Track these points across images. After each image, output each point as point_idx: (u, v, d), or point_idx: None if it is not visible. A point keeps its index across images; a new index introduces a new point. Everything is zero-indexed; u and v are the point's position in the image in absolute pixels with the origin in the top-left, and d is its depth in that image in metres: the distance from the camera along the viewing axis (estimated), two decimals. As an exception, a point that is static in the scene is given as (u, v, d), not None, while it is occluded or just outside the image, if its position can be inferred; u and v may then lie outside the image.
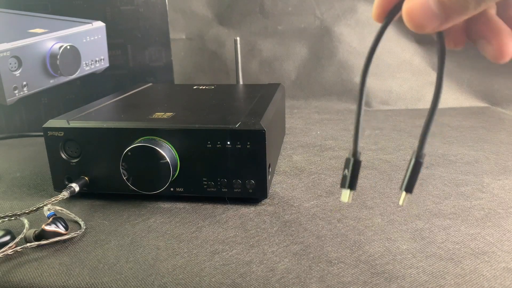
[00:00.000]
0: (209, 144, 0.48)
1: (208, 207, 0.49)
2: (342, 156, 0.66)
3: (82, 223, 0.45)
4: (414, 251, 0.39)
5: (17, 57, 0.77)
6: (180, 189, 0.50)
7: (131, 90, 0.72)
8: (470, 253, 0.39)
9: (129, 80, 0.86)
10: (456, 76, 1.05)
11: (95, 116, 0.54)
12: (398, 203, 0.28)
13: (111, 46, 0.85)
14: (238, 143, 0.47)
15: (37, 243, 0.40)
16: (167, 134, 0.48)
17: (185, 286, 0.35)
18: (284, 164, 0.63)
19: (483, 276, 0.35)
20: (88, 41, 0.82)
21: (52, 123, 0.51)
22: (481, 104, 1.02)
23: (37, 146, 0.75)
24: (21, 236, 0.41)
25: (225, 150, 0.48)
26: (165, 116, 0.52)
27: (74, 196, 0.49)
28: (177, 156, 0.48)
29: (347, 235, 0.42)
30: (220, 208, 0.49)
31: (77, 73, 0.83)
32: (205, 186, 0.49)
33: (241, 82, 0.81)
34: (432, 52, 1.08)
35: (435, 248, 0.39)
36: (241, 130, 0.47)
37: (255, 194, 0.49)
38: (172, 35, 0.92)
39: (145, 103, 0.64)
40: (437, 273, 0.36)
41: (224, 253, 0.40)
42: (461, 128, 0.81)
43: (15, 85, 0.78)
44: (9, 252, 0.39)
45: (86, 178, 0.51)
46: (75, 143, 0.50)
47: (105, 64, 0.85)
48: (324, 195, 0.52)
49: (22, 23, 0.80)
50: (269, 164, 0.50)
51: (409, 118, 0.90)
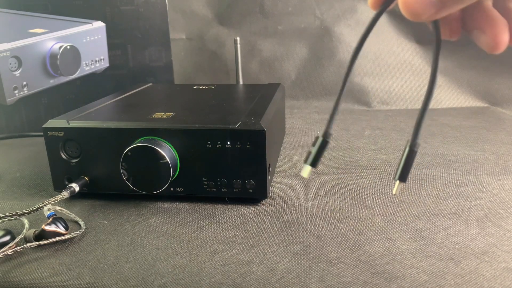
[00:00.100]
0: (209, 144, 0.48)
1: (208, 207, 0.49)
2: (342, 156, 0.66)
3: (82, 223, 0.45)
4: (414, 251, 0.39)
5: (17, 57, 0.77)
6: (180, 189, 0.50)
7: (131, 90, 0.72)
8: (470, 253, 0.39)
9: (129, 80, 0.86)
10: (456, 76, 1.05)
11: (95, 116, 0.54)
12: (392, 192, 0.28)
13: (111, 46, 0.85)
14: (238, 143, 0.47)
15: (37, 243, 0.40)
16: (167, 134, 0.48)
17: (185, 286, 0.35)
18: (284, 164, 0.63)
19: (483, 276, 0.35)
20: (88, 41, 0.82)
21: (52, 123, 0.51)
22: (481, 104, 1.02)
23: (37, 146, 0.75)
24: (21, 236, 0.41)
25: (225, 150, 0.48)
26: (165, 116, 0.52)
27: (74, 196, 0.49)
28: (177, 156, 0.48)
29: (347, 235, 0.42)
30: (220, 208, 0.49)
31: (77, 73, 0.83)
32: (205, 186, 0.49)
33: (241, 82, 0.81)
34: (432, 52, 1.07)
35: (435, 248, 0.39)
36: (241, 130, 0.47)
37: (255, 194, 0.49)
38: (172, 35, 0.92)
39: (145, 103, 0.64)
40: (437, 273, 0.36)
41: (224, 253, 0.40)
42: (461, 128, 0.81)
43: (15, 85, 0.78)
44: (9, 252, 0.39)
45: (86, 178, 0.51)
46: (75, 143, 0.50)
47: (105, 64, 0.85)
48: (324, 195, 0.52)
49: (22, 23, 0.80)
50: (269, 164, 0.50)
51: (409, 118, 0.90)
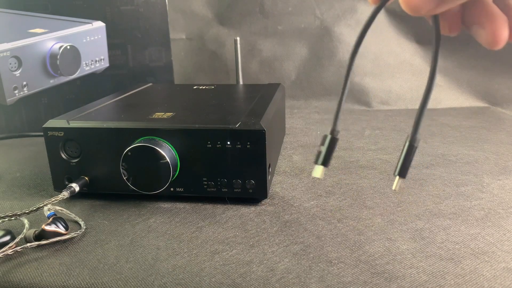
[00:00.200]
0: (209, 144, 0.48)
1: (208, 207, 0.49)
2: (342, 156, 0.66)
3: (82, 223, 0.45)
4: (414, 251, 0.39)
5: (17, 57, 0.77)
6: (180, 189, 0.50)
7: (131, 90, 0.72)
8: (470, 253, 0.39)
9: (129, 80, 0.86)
10: (456, 76, 1.05)
11: (95, 116, 0.54)
12: (392, 188, 0.28)
13: (111, 46, 0.85)
14: (238, 143, 0.47)
15: (37, 243, 0.40)
16: (167, 134, 0.48)
17: (185, 286, 0.35)
18: (284, 164, 0.63)
19: (483, 276, 0.35)
20: (88, 41, 0.82)
21: (52, 123, 0.51)
22: (481, 104, 1.02)
23: (37, 146, 0.75)
24: (21, 236, 0.41)
25: (225, 150, 0.48)
26: (165, 116, 0.52)
27: (74, 196, 0.49)
28: (177, 156, 0.48)
29: (347, 235, 0.42)
30: (220, 208, 0.49)
31: (77, 73, 0.83)
32: (205, 186, 0.49)
33: (241, 82, 0.81)
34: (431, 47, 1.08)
35: (435, 248, 0.39)
36: (241, 130, 0.47)
37: (255, 194, 0.49)
38: (172, 35, 0.92)
39: (145, 103, 0.64)
40: (437, 273, 0.36)
41: (224, 253, 0.40)
42: (461, 128, 0.81)
43: (15, 85, 0.78)
44: (9, 252, 0.39)
45: (86, 178, 0.51)
46: (75, 143, 0.50)
47: (105, 64, 0.85)
48: (324, 195, 0.52)
49: (22, 23, 0.80)
50: (269, 164, 0.50)
51: (409, 118, 0.90)
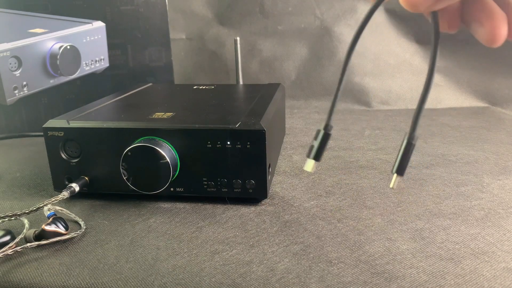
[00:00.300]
0: (209, 144, 0.48)
1: (208, 207, 0.49)
2: (342, 156, 0.66)
3: (82, 223, 0.45)
4: (414, 251, 0.39)
5: (17, 57, 0.77)
6: (180, 189, 0.50)
7: (131, 90, 0.72)
8: (470, 253, 0.39)
9: (129, 80, 0.86)
10: (456, 76, 1.05)
11: (95, 116, 0.54)
12: (389, 186, 0.28)
13: (111, 46, 0.85)
14: (238, 143, 0.47)
15: (37, 243, 0.40)
16: (167, 134, 0.48)
17: (185, 286, 0.35)
18: (284, 164, 0.63)
19: (483, 276, 0.35)
20: (88, 41, 0.82)
21: (52, 123, 0.51)
22: (481, 104, 1.02)
23: (37, 146, 0.75)
24: (21, 236, 0.41)
25: (225, 150, 0.48)
26: (165, 116, 0.52)
27: (74, 196, 0.49)
28: (177, 156, 0.48)
29: (347, 235, 0.42)
30: (220, 208, 0.49)
31: (77, 73, 0.83)
32: (205, 186, 0.49)
33: (241, 82, 0.81)
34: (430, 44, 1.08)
35: (435, 248, 0.39)
36: (241, 130, 0.47)
37: (255, 194, 0.49)
38: (172, 35, 0.92)
39: (145, 103, 0.64)
40: (437, 273, 0.36)
41: (224, 253, 0.40)
42: (461, 128, 0.81)
43: (15, 85, 0.78)
44: (9, 252, 0.39)
45: (86, 178, 0.51)
46: (75, 143, 0.50)
47: (105, 64, 0.85)
48: (324, 195, 0.52)
49: (22, 23, 0.80)
50: (269, 164, 0.50)
51: (409, 118, 0.89)
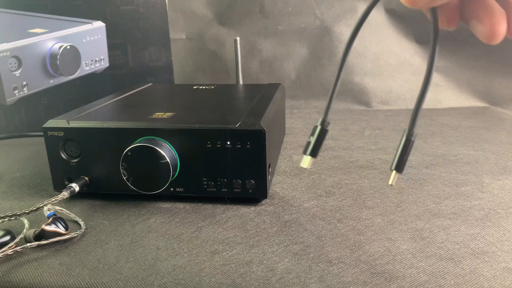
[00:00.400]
0: (209, 144, 0.48)
1: (208, 207, 0.49)
2: (342, 156, 0.66)
3: (82, 223, 0.45)
4: (414, 251, 0.39)
5: (17, 57, 0.77)
6: (180, 189, 0.50)
7: (131, 90, 0.72)
8: (470, 253, 0.39)
9: (129, 80, 0.86)
10: (456, 76, 1.05)
11: (95, 116, 0.54)
12: (388, 183, 0.28)
13: (111, 46, 0.85)
14: (238, 143, 0.47)
15: (37, 243, 0.40)
16: (167, 134, 0.48)
17: (185, 286, 0.35)
18: (284, 164, 0.63)
19: (483, 276, 0.35)
20: (88, 41, 0.82)
21: (52, 123, 0.51)
22: (481, 104, 1.02)
23: (37, 146, 0.75)
24: (21, 236, 0.41)
25: (225, 150, 0.48)
26: (165, 116, 0.52)
27: (74, 196, 0.49)
28: (177, 156, 0.48)
29: (347, 235, 0.42)
30: (220, 208, 0.49)
31: (77, 73, 0.83)
32: (205, 186, 0.49)
33: (241, 82, 0.81)
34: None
35: (435, 248, 0.39)
36: (241, 130, 0.47)
37: (255, 194, 0.49)
38: (172, 35, 0.92)
39: (145, 103, 0.64)
40: (437, 273, 0.36)
41: (224, 253, 0.40)
42: (461, 128, 0.81)
43: (15, 85, 0.78)
44: (9, 252, 0.39)
45: (86, 178, 0.51)
46: (75, 143, 0.50)
47: (105, 64, 0.85)
48: (324, 195, 0.52)
49: (22, 23, 0.80)
50: (269, 164, 0.50)
51: (409, 118, 0.90)
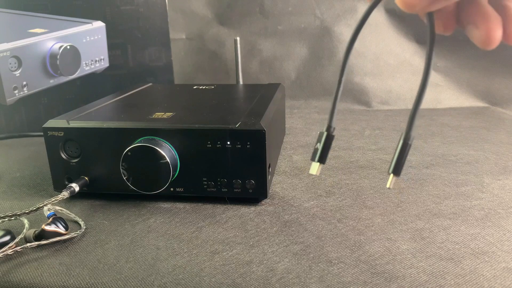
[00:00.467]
0: (209, 144, 0.48)
1: (208, 207, 0.49)
2: (342, 156, 0.66)
3: (82, 223, 0.45)
4: (414, 251, 0.39)
5: (17, 57, 0.77)
6: (180, 189, 0.50)
7: (131, 90, 0.72)
8: (470, 253, 0.39)
9: (129, 80, 0.86)
10: (456, 76, 1.05)
11: (95, 116, 0.54)
12: (386, 186, 0.28)
13: (111, 46, 0.85)
14: (238, 143, 0.47)
15: (37, 243, 0.40)
16: (167, 134, 0.48)
17: (185, 286, 0.35)
18: (284, 164, 0.63)
19: (483, 276, 0.35)
20: (88, 41, 0.82)
21: (52, 123, 0.51)
22: (481, 104, 1.02)
23: (37, 146, 0.75)
24: (21, 236, 0.41)
25: (225, 150, 0.48)
26: (165, 116, 0.52)
27: (74, 196, 0.49)
28: (177, 156, 0.48)
29: (347, 235, 0.42)
30: (220, 208, 0.49)
31: (77, 73, 0.83)
32: (205, 186, 0.49)
33: (241, 82, 0.81)
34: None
35: (435, 248, 0.39)
36: (241, 130, 0.47)
37: (255, 194, 0.49)
38: (172, 35, 0.92)
39: (145, 103, 0.64)
40: (437, 273, 0.36)
41: (224, 253, 0.40)
42: (461, 128, 0.81)
43: (15, 85, 0.78)
44: (9, 252, 0.39)
45: (86, 178, 0.51)
46: (75, 143, 0.50)
47: (105, 64, 0.85)
48: (324, 195, 0.52)
49: (22, 23, 0.80)
50: (269, 164, 0.50)
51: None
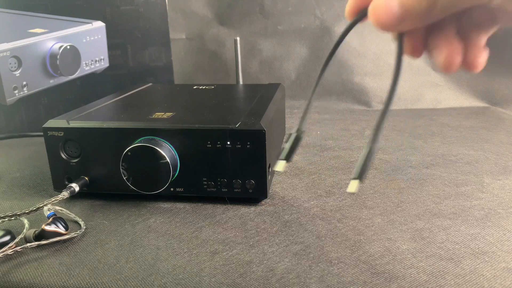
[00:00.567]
0: (209, 144, 0.48)
1: (208, 207, 0.49)
2: (342, 156, 0.66)
3: (82, 223, 0.45)
4: (414, 251, 0.39)
5: (17, 57, 0.77)
6: (180, 189, 0.50)
7: (131, 90, 0.72)
8: (470, 253, 0.39)
9: (129, 80, 0.86)
10: (456, 76, 1.05)
11: (95, 116, 0.54)
12: (346, 190, 0.29)
13: (111, 46, 0.85)
14: (238, 143, 0.47)
15: (37, 243, 0.40)
16: (167, 134, 0.48)
17: (185, 286, 0.35)
18: (284, 164, 0.63)
19: (483, 276, 0.35)
20: (88, 41, 0.82)
21: (52, 123, 0.51)
22: (481, 104, 1.02)
23: (37, 146, 0.75)
24: (21, 236, 0.41)
25: (225, 150, 0.48)
26: (165, 116, 0.52)
27: (74, 196, 0.49)
28: (177, 156, 0.48)
29: (347, 235, 0.42)
30: (220, 208, 0.49)
31: (77, 73, 0.83)
32: (205, 186, 0.49)
33: (241, 82, 0.80)
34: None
35: (435, 248, 0.39)
36: (241, 130, 0.47)
37: (255, 194, 0.49)
38: (172, 35, 0.92)
39: (145, 103, 0.64)
40: (437, 273, 0.36)
41: (224, 253, 0.40)
42: (461, 128, 0.81)
43: (15, 85, 0.78)
44: (9, 252, 0.39)
45: (86, 178, 0.51)
46: (75, 143, 0.50)
47: (105, 64, 0.85)
48: (324, 195, 0.52)
49: (22, 23, 0.80)
50: (269, 164, 0.50)
51: (409, 118, 0.90)
